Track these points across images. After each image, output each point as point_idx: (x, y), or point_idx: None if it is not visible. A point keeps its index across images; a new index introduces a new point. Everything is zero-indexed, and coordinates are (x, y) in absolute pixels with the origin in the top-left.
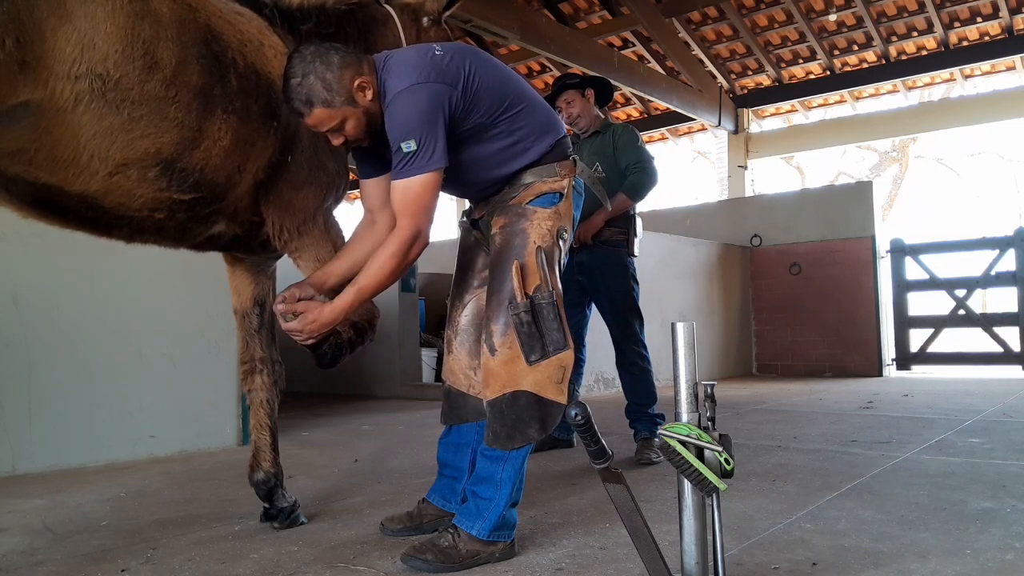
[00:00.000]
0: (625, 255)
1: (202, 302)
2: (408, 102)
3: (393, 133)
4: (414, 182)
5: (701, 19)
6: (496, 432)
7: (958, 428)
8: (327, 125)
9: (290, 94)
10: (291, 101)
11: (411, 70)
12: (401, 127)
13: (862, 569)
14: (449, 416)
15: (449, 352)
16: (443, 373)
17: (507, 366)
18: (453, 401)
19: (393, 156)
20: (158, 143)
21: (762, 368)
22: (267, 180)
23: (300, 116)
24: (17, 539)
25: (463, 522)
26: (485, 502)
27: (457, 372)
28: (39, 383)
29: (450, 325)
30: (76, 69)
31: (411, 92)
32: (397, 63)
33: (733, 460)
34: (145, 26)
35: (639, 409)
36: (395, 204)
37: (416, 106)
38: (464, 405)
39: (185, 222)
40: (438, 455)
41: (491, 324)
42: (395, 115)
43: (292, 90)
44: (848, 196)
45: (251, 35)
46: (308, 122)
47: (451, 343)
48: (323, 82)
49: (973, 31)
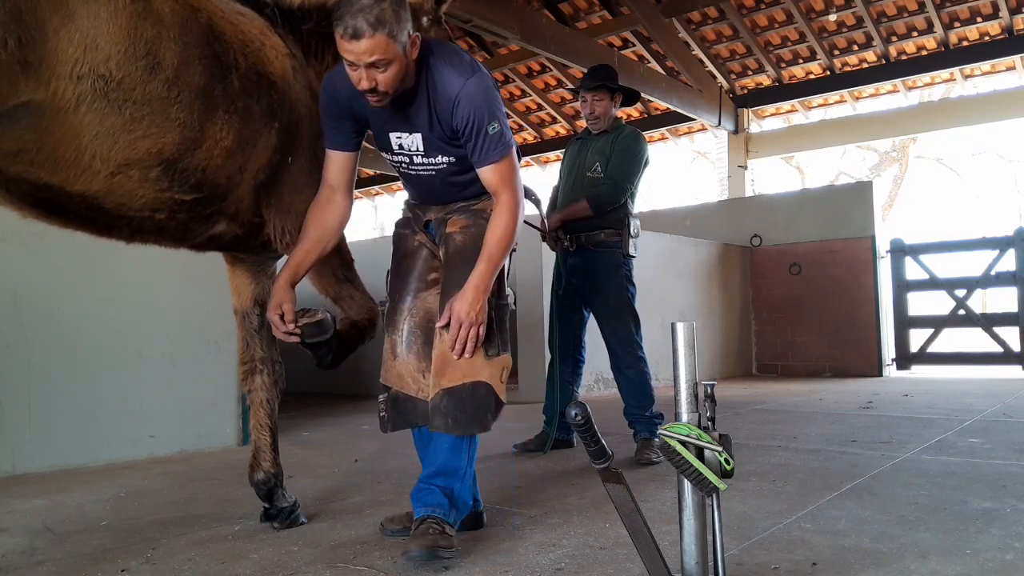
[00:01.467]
0: (619, 256)
1: (202, 302)
2: (488, 86)
3: (475, 115)
4: (508, 159)
5: (701, 19)
6: (456, 419)
7: (958, 428)
8: (378, 56)
9: (355, 8)
10: (355, 16)
11: (467, 58)
12: (485, 109)
13: (862, 569)
14: (396, 422)
15: (394, 357)
16: (387, 379)
17: (469, 358)
18: (401, 406)
19: (473, 138)
20: (160, 143)
21: (762, 368)
22: (268, 181)
23: (356, 36)
24: (17, 539)
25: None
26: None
27: (406, 376)
28: (39, 383)
29: (393, 330)
30: (78, 69)
31: (484, 78)
32: (444, 48)
33: (733, 460)
34: (147, 26)
35: (638, 412)
36: (494, 181)
37: (492, 91)
38: (413, 410)
39: (186, 222)
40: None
41: None
42: (476, 97)
43: (362, 7)
44: (848, 196)
45: (253, 35)
46: (362, 45)
47: (396, 348)
48: (396, 15)
49: (973, 31)
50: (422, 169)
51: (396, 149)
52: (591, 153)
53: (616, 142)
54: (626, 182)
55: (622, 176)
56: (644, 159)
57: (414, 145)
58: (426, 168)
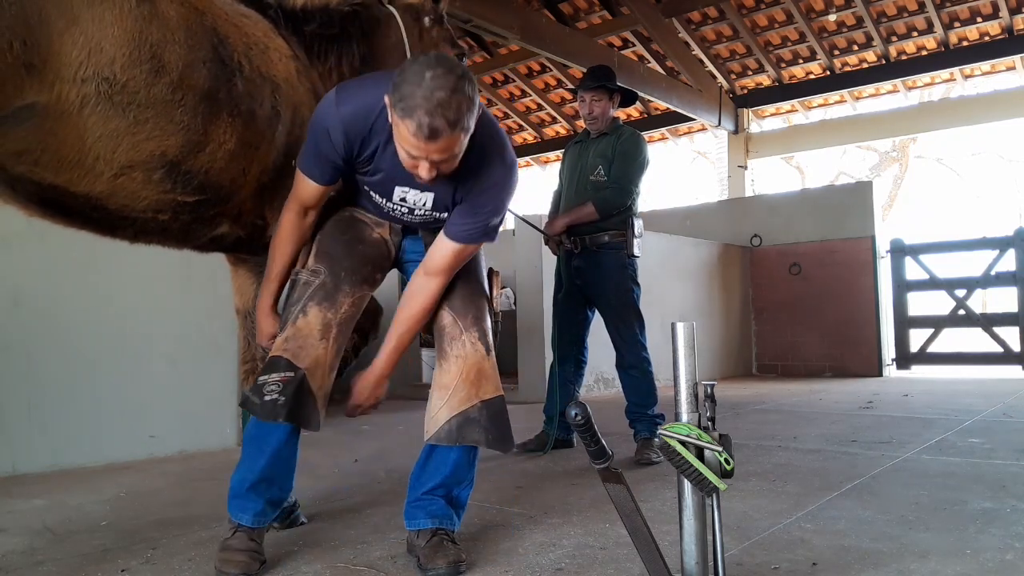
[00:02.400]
0: (623, 257)
1: (202, 302)
2: (516, 181)
3: (494, 206)
4: (471, 248)
5: (701, 19)
6: (494, 435)
7: (958, 428)
8: (450, 153)
9: (434, 104)
10: (433, 115)
11: (505, 138)
12: (503, 205)
13: (862, 569)
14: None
15: (321, 337)
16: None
17: (495, 370)
18: (302, 398)
19: (471, 217)
20: (163, 146)
21: (762, 368)
22: (271, 184)
23: (433, 137)
24: (17, 539)
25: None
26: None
27: (321, 366)
28: (39, 383)
29: (330, 305)
30: (82, 72)
31: (516, 170)
32: (487, 124)
33: (733, 460)
34: (153, 30)
35: (639, 410)
36: (445, 259)
37: (516, 185)
38: (310, 407)
39: (189, 224)
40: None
41: (484, 324)
42: (505, 192)
43: (440, 102)
44: (848, 196)
45: (257, 38)
46: (438, 145)
47: (327, 328)
48: (470, 103)
49: (973, 31)
50: (418, 218)
51: (397, 201)
52: (592, 156)
53: (617, 144)
54: (630, 185)
55: (626, 179)
56: (646, 160)
57: (421, 201)
58: (424, 218)
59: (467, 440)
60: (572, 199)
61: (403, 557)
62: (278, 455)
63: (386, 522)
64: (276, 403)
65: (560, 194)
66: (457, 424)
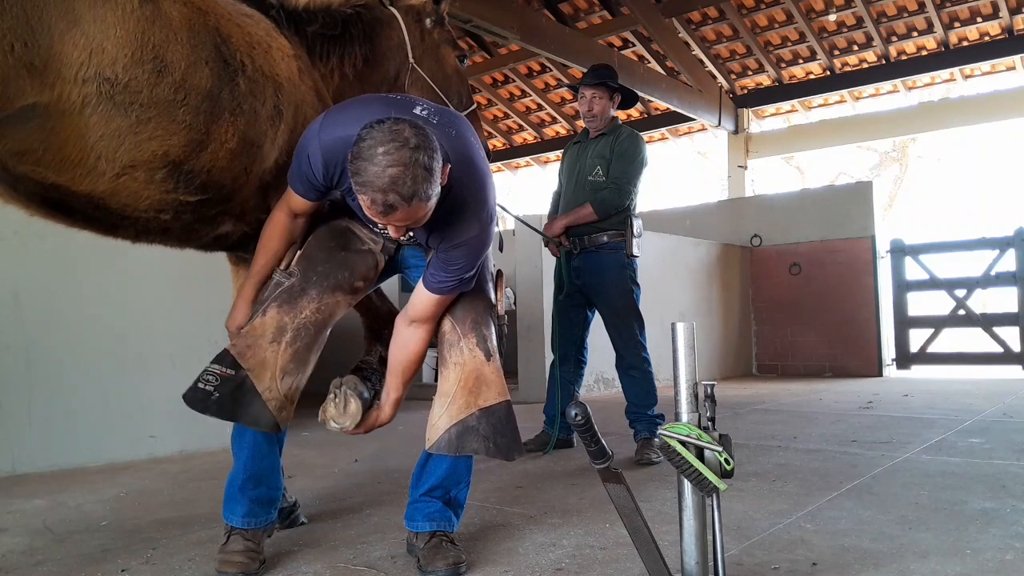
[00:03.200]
0: (623, 257)
1: (202, 302)
2: (489, 240)
3: (466, 262)
4: (447, 298)
5: (701, 19)
6: (498, 443)
7: (958, 428)
8: (412, 220)
9: (385, 183)
10: (386, 193)
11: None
12: (474, 264)
13: (862, 569)
14: (224, 409)
15: (272, 340)
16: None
17: (498, 375)
18: (240, 396)
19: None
20: (165, 145)
21: (762, 368)
22: (274, 182)
23: (388, 212)
24: (17, 539)
25: (447, 527)
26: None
27: (268, 368)
28: (39, 383)
29: (289, 308)
30: (84, 72)
31: (491, 230)
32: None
33: (733, 460)
34: (156, 30)
35: (639, 410)
36: (428, 308)
37: (490, 243)
38: (248, 405)
39: (192, 223)
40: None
41: (483, 329)
42: (476, 250)
43: (393, 179)
44: (848, 196)
45: (259, 37)
46: (395, 217)
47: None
48: (429, 173)
49: (973, 31)
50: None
51: (380, 228)
52: (591, 157)
53: (616, 144)
54: (629, 185)
55: (625, 179)
56: (644, 161)
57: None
58: (410, 243)
59: (466, 450)
60: (571, 200)
61: (403, 557)
62: (257, 451)
63: (386, 522)
64: (208, 396)
65: (559, 195)
66: (457, 433)
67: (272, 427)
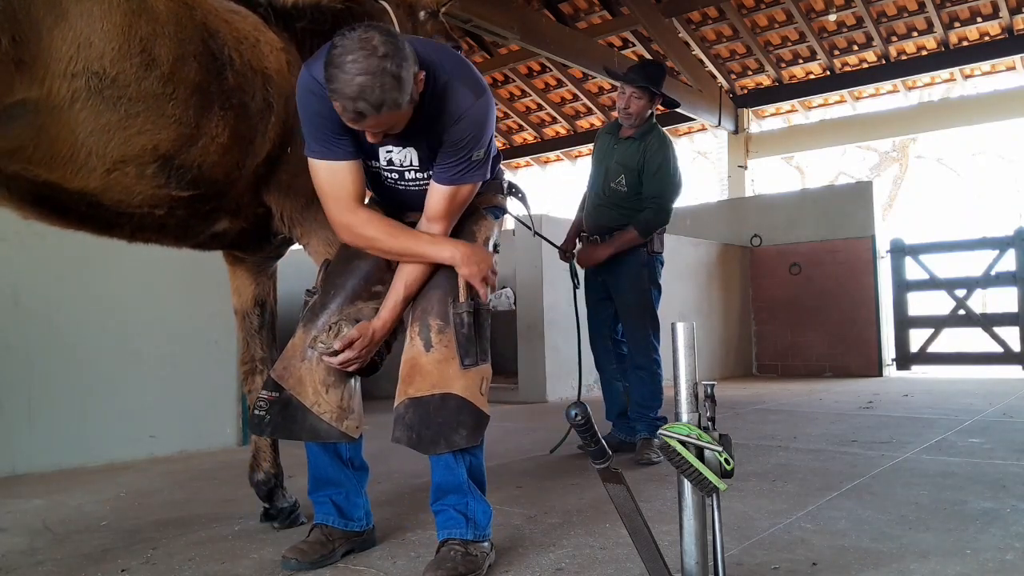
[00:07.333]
0: (644, 254)
1: (202, 302)
2: (491, 110)
3: (472, 137)
4: (466, 189)
5: (701, 19)
6: (420, 435)
7: (958, 428)
8: (386, 126)
9: (354, 92)
10: (355, 101)
11: (478, 74)
12: (483, 134)
13: (862, 569)
14: (277, 429)
15: (302, 359)
16: (284, 379)
17: (440, 366)
18: (291, 415)
19: (453, 155)
20: (155, 140)
21: (762, 368)
22: (267, 175)
23: (359, 119)
24: (17, 539)
25: (456, 534)
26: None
27: (307, 384)
28: (39, 383)
29: (312, 327)
30: (72, 67)
31: (491, 100)
32: (456, 63)
33: (733, 460)
34: (142, 23)
35: (641, 411)
36: (440, 208)
37: (493, 116)
38: (302, 422)
39: (186, 219)
40: (320, 473)
41: (428, 318)
42: (480, 120)
43: (361, 88)
44: (848, 196)
45: (247, 32)
46: (366, 124)
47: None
48: (397, 81)
49: (973, 31)
50: (413, 184)
51: (385, 164)
52: (615, 162)
53: (646, 157)
54: (668, 204)
55: (663, 199)
56: (679, 176)
57: (407, 159)
58: (418, 184)
59: (393, 438)
60: (592, 211)
61: (403, 557)
62: (314, 460)
63: (386, 522)
64: (262, 420)
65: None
66: (393, 422)
67: (337, 437)
